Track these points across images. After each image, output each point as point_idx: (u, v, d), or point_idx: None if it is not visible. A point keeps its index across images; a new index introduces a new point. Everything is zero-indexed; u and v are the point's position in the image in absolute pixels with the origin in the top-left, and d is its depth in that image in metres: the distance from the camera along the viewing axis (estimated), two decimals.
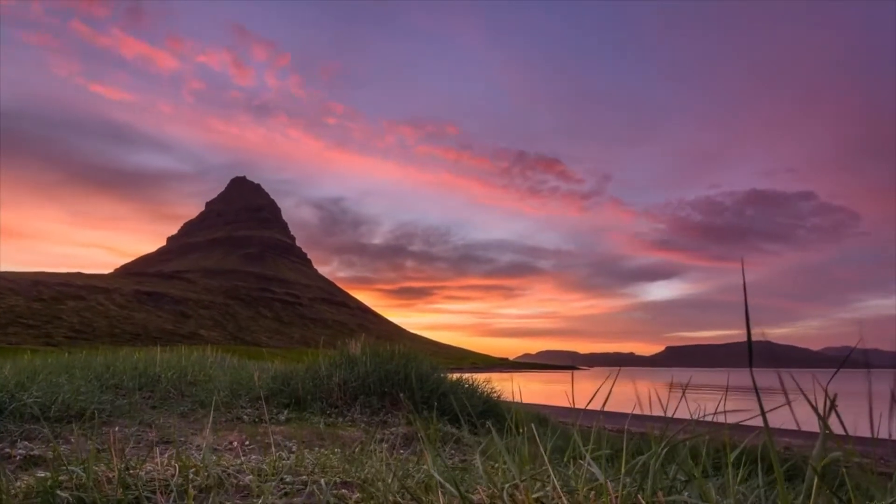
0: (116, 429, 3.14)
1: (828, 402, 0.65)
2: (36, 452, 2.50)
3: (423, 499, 1.02)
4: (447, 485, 0.95)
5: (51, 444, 2.56)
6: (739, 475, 0.86)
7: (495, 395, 4.84)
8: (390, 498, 1.22)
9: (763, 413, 0.62)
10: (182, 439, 3.17)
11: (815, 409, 0.62)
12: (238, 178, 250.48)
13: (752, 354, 0.57)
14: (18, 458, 2.44)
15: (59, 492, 1.24)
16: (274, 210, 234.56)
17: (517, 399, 5.49)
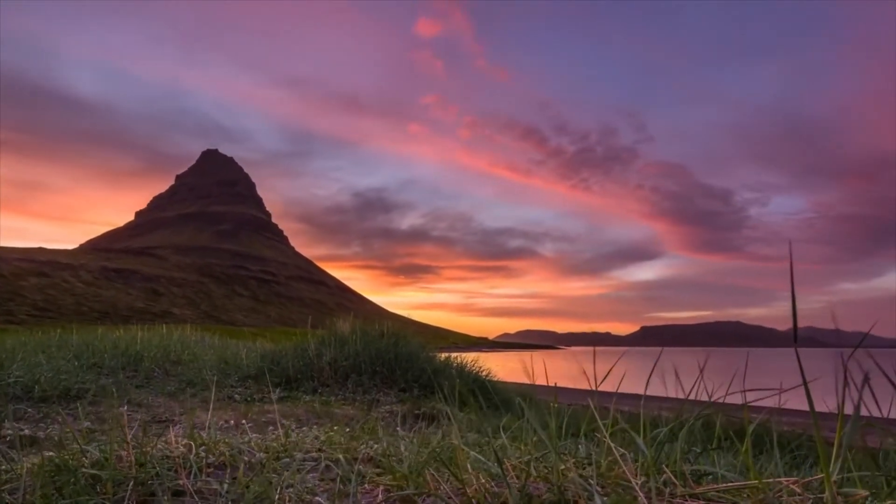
0: (125, 408, 3.10)
1: (845, 382, 0.72)
2: (27, 432, 2.46)
3: (452, 470, 1.07)
4: (487, 459, 1.00)
5: (63, 426, 2.51)
6: (745, 447, 0.94)
7: (484, 373, 4.97)
8: (412, 471, 1.27)
9: (807, 390, 0.68)
10: (175, 418, 3.16)
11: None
12: (210, 150, 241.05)
13: (796, 335, 0.62)
14: (9, 438, 2.40)
15: (83, 469, 1.24)
16: (248, 185, 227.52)
17: (505, 378, 5.63)
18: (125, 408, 3.31)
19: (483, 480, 1.01)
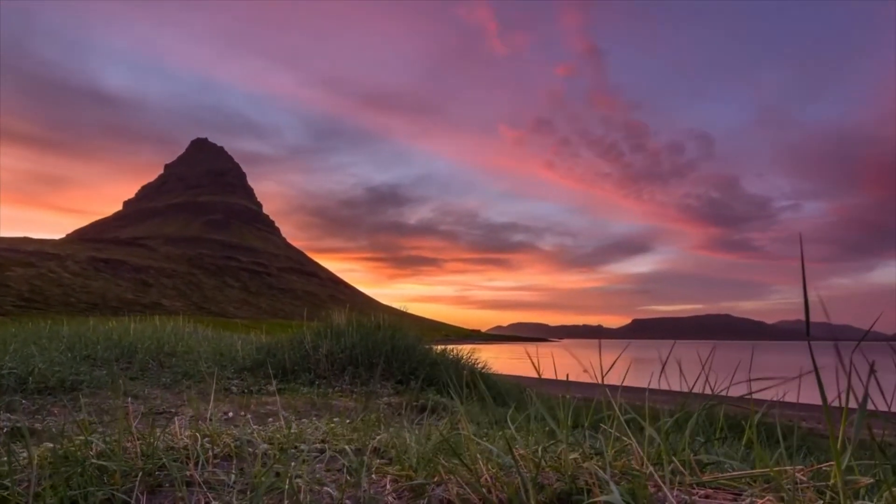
0: (129, 400, 3.08)
1: (845, 375, 0.74)
2: (24, 424, 2.44)
3: (463, 459, 1.09)
4: (496, 448, 1.02)
5: (62, 417, 2.50)
6: (751, 437, 0.97)
7: (479, 366, 5.01)
8: (420, 461, 1.29)
9: (819, 381, 0.70)
10: (173, 410, 3.15)
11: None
12: (199, 139, 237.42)
13: (809, 328, 0.64)
14: (5, 430, 2.38)
15: (93, 460, 1.24)
16: (239, 175, 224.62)
17: (500, 370, 5.68)
18: (129, 399, 3.30)
19: (493, 470, 1.03)
